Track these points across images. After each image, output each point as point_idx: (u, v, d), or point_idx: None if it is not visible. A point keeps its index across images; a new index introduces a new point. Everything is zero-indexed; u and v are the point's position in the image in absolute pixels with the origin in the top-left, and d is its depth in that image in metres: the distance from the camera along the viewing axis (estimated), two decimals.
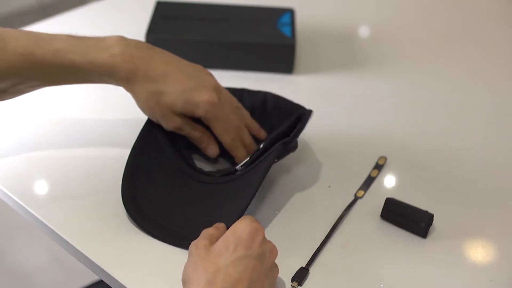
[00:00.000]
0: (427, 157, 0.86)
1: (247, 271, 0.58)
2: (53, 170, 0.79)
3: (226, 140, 0.77)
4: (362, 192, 0.77)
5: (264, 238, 0.61)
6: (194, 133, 0.77)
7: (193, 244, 0.62)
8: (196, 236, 0.67)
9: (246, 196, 0.69)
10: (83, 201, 0.75)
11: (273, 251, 0.62)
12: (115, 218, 0.72)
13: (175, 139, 0.79)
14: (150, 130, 0.78)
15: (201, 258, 0.59)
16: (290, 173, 0.80)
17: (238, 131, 0.78)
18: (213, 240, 0.61)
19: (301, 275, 0.66)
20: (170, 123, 0.76)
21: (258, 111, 0.83)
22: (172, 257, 0.68)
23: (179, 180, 0.75)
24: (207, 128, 0.78)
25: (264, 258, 0.60)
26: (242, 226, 0.61)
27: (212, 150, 0.78)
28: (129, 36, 0.78)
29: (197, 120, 0.77)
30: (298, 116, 0.76)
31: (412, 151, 0.86)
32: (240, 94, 0.83)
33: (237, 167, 0.77)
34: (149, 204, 0.72)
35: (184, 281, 0.60)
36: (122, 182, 0.73)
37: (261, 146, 0.76)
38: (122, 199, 0.72)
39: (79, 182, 0.77)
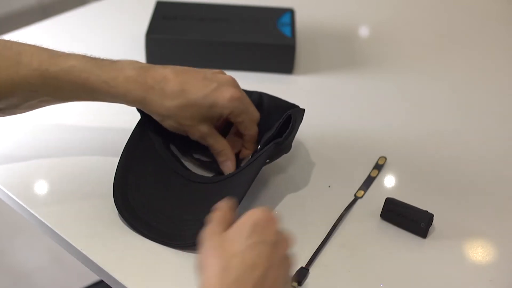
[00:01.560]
0: (427, 157, 0.86)
1: (262, 256, 0.56)
2: (53, 170, 0.79)
3: (253, 132, 0.78)
4: (362, 192, 0.77)
5: (278, 226, 0.59)
6: (217, 145, 0.77)
7: (207, 231, 0.60)
8: (187, 235, 0.67)
9: (236, 196, 0.68)
10: (83, 201, 0.75)
11: (288, 240, 0.60)
12: (115, 218, 0.72)
13: (167, 140, 0.79)
14: (142, 130, 0.77)
15: (215, 244, 0.57)
16: (289, 173, 0.80)
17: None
18: (226, 224, 0.60)
19: (301, 275, 0.66)
20: (196, 133, 0.75)
21: None
22: (172, 257, 0.68)
23: (170, 179, 0.75)
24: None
25: (278, 246, 0.58)
26: (257, 212, 0.59)
27: (229, 166, 0.77)
28: (129, 36, 0.78)
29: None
30: (289, 115, 0.75)
31: (412, 151, 0.86)
32: None
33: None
34: (140, 203, 0.72)
35: (199, 269, 0.58)
36: (113, 182, 0.73)
37: (258, 147, 0.76)
38: (114, 199, 0.72)
39: (79, 182, 0.77)
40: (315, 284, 0.66)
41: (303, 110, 0.77)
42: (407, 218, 0.72)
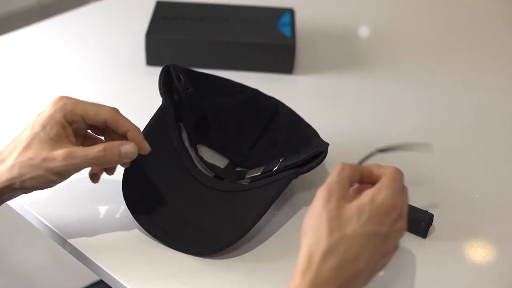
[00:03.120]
0: (427, 157, 0.86)
1: (369, 248, 0.55)
2: None
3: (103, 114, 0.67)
4: None
5: (398, 215, 0.58)
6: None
7: (327, 191, 0.57)
8: (193, 241, 0.67)
9: (252, 216, 0.68)
10: (83, 201, 0.75)
11: (401, 231, 0.59)
12: (115, 218, 0.72)
13: (182, 132, 0.78)
14: (161, 120, 0.75)
15: (330, 216, 0.55)
16: None
17: None
18: (347, 189, 0.58)
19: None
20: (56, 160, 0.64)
21: (266, 116, 0.82)
22: (172, 257, 0.68)
23: (184, 180, 0.74)
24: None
25: (389, 239, 0.57)
26: (383, 196, 0.57)
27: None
28: (129, 36, 0.78)
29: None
30: (321, 152, 0.74)
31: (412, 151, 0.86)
32: (253, 94, 0.82)
33: (246, 176, 0.77)
34: (151, 202, 0.71)
35: (305, 232, 0.57)
36: (123, 178, 0.72)
37: (275, 168, 0.75)
38: (124, 195, 0.71)
39: (79, 182, 0.77)
40: None
41: (328, 144, 0.76)
42: (407, 218, 0.72)
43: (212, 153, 0.82)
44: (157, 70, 0.78)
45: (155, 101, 0.77)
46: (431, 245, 0.71)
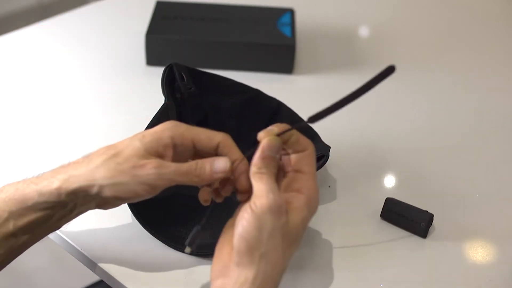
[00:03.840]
0: (427, 157, 0.86)
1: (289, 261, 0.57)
2: None
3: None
4: None
5: None
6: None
7: (275, 205, 0.54)
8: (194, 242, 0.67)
9: None
10: None
11: None
12: (116, 218, 0.72)
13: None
14: (162, 121, 0.75)
15: (283, 233, 0.55)
16: None
17: None
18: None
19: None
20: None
21: (267, 117, 0.82)
22: (172, 257, 0.68)
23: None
24: None
25: None
26: (316, 202, 0.58)
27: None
28: (129, 36, 0.78)
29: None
30: (324, 156, 0.73)
31: (412, 151, 0.86)
32: (255, 94, 0.82)
33: None
34: (151, 202, 0.71)
35: (252, 248, 0.54)
36: None
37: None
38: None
39: None
40: (315, 284, 0.66)
41: (329, 147, 0.76)
42: (407, 218, 0.72)
43: None
44: (157, 70, 0.78)
45: (155, 101, 0.77)
46: (431, 245, 0.71)
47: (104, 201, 0.59)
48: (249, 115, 0.82)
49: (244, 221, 0.54)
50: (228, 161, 0.59)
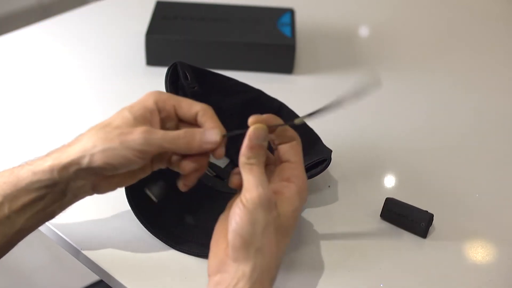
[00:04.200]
0: (427, 157, 0.86)
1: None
2: None
3: (196, 108, 0.63)
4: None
5: None
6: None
7: (265, 199, 0.55)
8: (194, 242, 0.67)
9: None
10: (83, 200, 0.74)
11: None
12: (115, 218, 0.72)
13: None
14: None
15: (276, 227, 0.55)
16: None
17: None
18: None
19: None
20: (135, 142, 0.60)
21: None
22: (172, 257, 0.68)
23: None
24: None
25: None
26: (306, 192, 0.59)
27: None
28: (129, 35, 0.78)
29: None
30: (325, 159, 0.74)
31: (412, 151, 0.86)
32: (257, 95, 0.82)
33: None
34: (153, 202, 0.71)
35: (247, 243, 0.54)
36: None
37: None
38: (126, 194, 0.70)
39: None
40: (315, 284, 0.66)
41: (331, 151, 0.76)
42: (407, 218, 0.72)
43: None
44: (157, 70, 0.79)
45: None
46: (431, 245, 0.71)
47: (98, 179, 0.60)
48: (250, 115, 0.82)
49: (237, 217, 0.55)
50: (219, 134, 0.60)
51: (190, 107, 0.61)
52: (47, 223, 0.71)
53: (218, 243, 0.58)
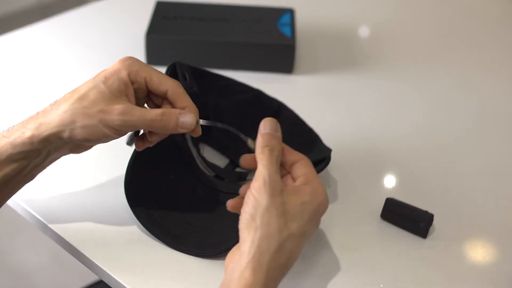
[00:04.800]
0: (427, 157, 0.86)
1: (300, 247, 0.58)
2: (53, 169, 0.79)
3: (170, 84, 0.65)
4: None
5: (324, 212, 0.61)
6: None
7: (269, 184, 0.57)
8: (194, 242, 0.67)
9: None
10: (83, 200, 0.75)
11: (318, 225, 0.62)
12: (115, 218, 0.72)
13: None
14: None
15: (278, 212, 0.56)
16: None
17: None
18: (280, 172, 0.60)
19: None
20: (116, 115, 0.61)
21: (267, 117, 0.82)
22: (172, 257, 0.68)
23: (186, 180, 0.74)
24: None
25: (311, 237, 0.61)
26: (323, 195, 0.60)
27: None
28: (129, 35, 0.78)
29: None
30: (320, 157, 0.74)
31: (412, 151, 0.86)
32: (256, 94, 0.82)
33: (247, 178, 0.77)
34: (153, 202, 0.71)
35: (249, 225, 0.56)
36: (125, 177, 0.71)
37: None
38: (126, 194, 0.71)
39: (79, 182, 0.77)
40: (315, 284, 0.66)
41: (330, 150, 0.76)
42: (407, 218, 0.72)
43: (213, 152, 0.82)
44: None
45: None
46: (431, 245, 0.71)
47: (76, 145, 0.63)
48: (250, 115, 0.82)
49: (244, 205, 0.58)
50: (194, 118, 0.62)
51: (160, 83, 0.63)
52: (47, 224, 0.71)
53: (236, 245, 0.60)
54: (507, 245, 0.73)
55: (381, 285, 0.66)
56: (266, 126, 0.62)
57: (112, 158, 0.80)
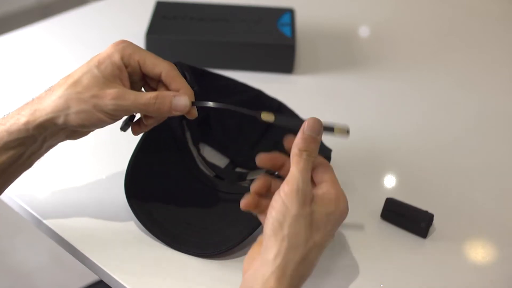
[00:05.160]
0: (427, 157, 0.86)
1: (319, 257, 0.58)
2: (53, 169, 0.79)
3: (164, 66, 0.65)
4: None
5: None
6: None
7: (301, 193, 0.56)
8: (195, 242, 0.67)
9: (254, 219, 0.65)
10: (83, 200, 0.75)
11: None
12: (115, 218, 0.72)
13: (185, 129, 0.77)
14: (163, 121, 0.75)
15: (306, 222, 0.56)
16: None
17: None
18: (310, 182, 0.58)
19: None
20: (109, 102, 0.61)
21: None
22: (172, 257, 0.68)
23: (186, 180, 0.74)
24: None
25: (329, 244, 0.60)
26: (344, 203, 0.59)
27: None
28: (129, 35, 0.77)
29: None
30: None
31: (412, 151, 0.86)
32: (256, 94, 0.82)
33: (247, 178, 0.77)
34: (153, 202, 0.71)
35: (276, 232, 0.55)
36: (125, 177, 0.71)
37: (277, 172, 0.75)
38: (126, 194, 0.71)
39: (79, 181, 0.77)
40: (314, 284, 0.66)
41: (330, 150, 0.76)
42: (407, 218, 0.72)
43: (213, 152, 0.82)
44: None
45: None
46: (431, 245, 0.71)
47: (72, 131, 0.63)
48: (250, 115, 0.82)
49: (271, 209, 0.56)
50: (188, 100, 0.62)
51: (154, 66, 0.63)
52: (47, 223, 0.71)
53: (255, 246, 0.59)
54: (507, 245, 0.73)
55: (381, 285, 0.66)
56: (310, 127, 0.60)
57: (112, 158, 0.80)
